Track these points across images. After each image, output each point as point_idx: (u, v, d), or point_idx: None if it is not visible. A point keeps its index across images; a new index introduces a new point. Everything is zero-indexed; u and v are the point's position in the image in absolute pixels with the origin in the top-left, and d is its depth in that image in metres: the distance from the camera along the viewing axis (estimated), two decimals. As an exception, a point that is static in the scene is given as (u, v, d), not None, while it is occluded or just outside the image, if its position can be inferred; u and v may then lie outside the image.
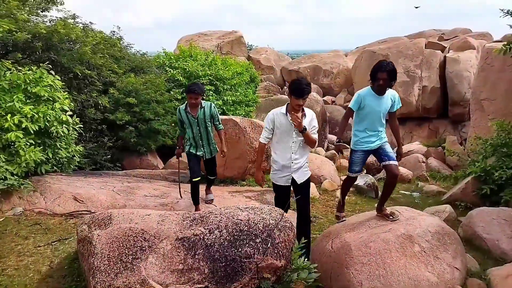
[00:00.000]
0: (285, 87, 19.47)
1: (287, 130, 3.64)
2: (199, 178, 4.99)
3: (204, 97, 4.79)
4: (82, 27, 8.91)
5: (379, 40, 21.05)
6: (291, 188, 3.87)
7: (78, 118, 6.06)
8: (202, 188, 5.27)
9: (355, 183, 7.31)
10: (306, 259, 3.27)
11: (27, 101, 5.30)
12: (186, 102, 4.89)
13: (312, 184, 5.36)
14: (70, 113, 5.74)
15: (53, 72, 5.78)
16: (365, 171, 8.52)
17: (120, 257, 2.76)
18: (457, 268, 3.35)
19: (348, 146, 4.19)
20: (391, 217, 3.75)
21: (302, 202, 3.85)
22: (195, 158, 5.02)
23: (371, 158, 9.08)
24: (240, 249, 2.94)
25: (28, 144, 5.05)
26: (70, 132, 5.82)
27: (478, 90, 7.97)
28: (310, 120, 3.67)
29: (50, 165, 5.74)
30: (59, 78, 5.84)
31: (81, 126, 6.26)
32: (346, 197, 6.70)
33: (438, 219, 3.99)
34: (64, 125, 5.58)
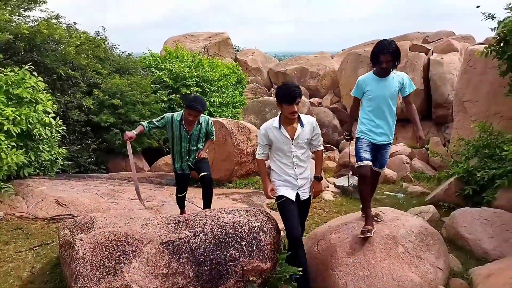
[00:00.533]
0: (272, 89, 19.49)
1: (285, 145, 3.22)
2: (185, 193, 4.74)
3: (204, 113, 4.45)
4: (65, 28, 8.79)
5: (364, 42, 21.27)
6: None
7: (61, 120, 5.96)
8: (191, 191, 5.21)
9: (341, 184, 7.39)
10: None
11: (9, 103, 5.18)
12: (181, 112, 4.33)
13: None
14: (53, 115, 5.64)
15: (35, 73, 5.68)
16: (350, 172, 8.57)
17: (103, 262, 2.72)
18: (440, 268, 3.39)
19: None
20: (375, 218, 3.77)
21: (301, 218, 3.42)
22: (183, 177, 4.60)
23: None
24: (225, 252, 2.94)
25: (10, 146, 4.94)
26: (53, 134, 5.72)
27: (461, 92, 8.10)
28: (310, 129, 3.26)
29: (32, 168, 5.63)
30: (42, 79, 5.74)
31: (65, 128, 6.16)
32: (333, 199, 6.78)
33: (422, 219, 4.04)
34: (47, 127, 5.48)
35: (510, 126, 6.42)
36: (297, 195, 3.31)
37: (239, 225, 3.09)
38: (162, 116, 4.43)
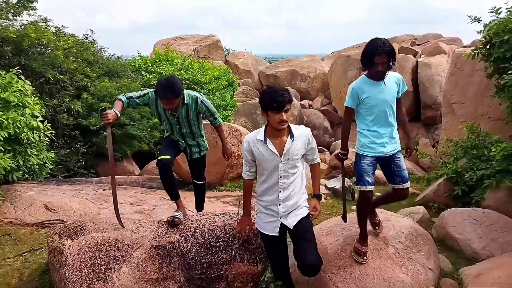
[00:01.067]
0: (263, 92, 19.52)
1: (271, 162, 2.65)
2: (169, 157, 3.51)
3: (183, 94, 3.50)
4: (54, 31, 8.72)
5: (354, 45, 21.45)
6: (284, 237, 2.86)
7: (49, 124, 5.90)
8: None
9: (332, 186, 7.41)
10: None
11: (-4, 107, 5.12)
12: None
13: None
14: (41, 118, 5.58)
15: (23, 77, 5.61)
16: (340, 175, 8.60)
17: (92, 268, 2.69)
18: (430, 269, 3.41)
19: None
20: (377, 228, 3.50)
21: (304, 246, 2.70)
22: (174, 141, 3.82)
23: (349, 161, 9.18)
24: (216, 256, 2.93)
25: (-3, 151, 4.88)
26: (41, 138, 5.66)
27: (449, 93, 8.20)
28: (303, 143, 2.70)
29: (21, 172, 5.55)
30: (30, 83, 5.68)
31: (53, 132, 6.10)
32: (324, 200, 6.79)
33: (411, 220, 4.07)
34: (35, 131, 5.42)
35: (497, 127, 6.51)
36: (283, 226, 2.74)
37: (230, 228, 3.09)
38: (146, 92, 3.66)
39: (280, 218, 2.72)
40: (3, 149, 4.96)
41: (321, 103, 18.79)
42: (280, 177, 2.66)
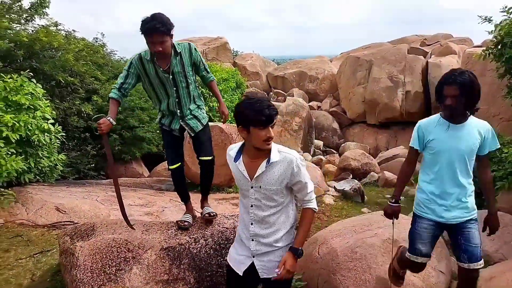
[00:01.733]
0: (271, 93, 19.54)
1: (242, 184, 2.15)
2: (180, 164, 3.27)
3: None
4: (64, 35, 8.84)
5: (362, 46, 21.35)
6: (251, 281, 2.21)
7: (60, 126, 5.97)
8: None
9: (342, 187, 7.36)
10: None
11: (8, 109, 5.19)
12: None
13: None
14: (52, 121, 5.65)
15: (34, 80, 5.69)
16: (351, 176, 8.56)
17: (103, 269, 2.71)
18: (442, 272, 3.38)
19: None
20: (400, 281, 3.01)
21: None
22: (171, 136, 3.34)
23: (356, 163, 9.12)
24: (226, 258, 2.93)
25: (9, 153, 4.94)
26: (52, 140, 5.73)
27: (459, 94, 8.13)
28: (282, 172, 2.04)
29: (32, 174, 5.63)
30: (41, 86, 5.76)
31: (64, 134, 6.17)
32: (333, 202, 6.76)
33: (423, 223, 4.02)
34: (46, 134, 5.48)
35: (509, 128, 6.43)
36: (252, 267, 2.16)
37: (239, 230, 3.09)
38: (129, 64, 3.09)
39: (253, 257, 2.16)
40: (15, 151, 5.03)
41: (330, 105, 18.72)
42: (251, 206, 2.12)
